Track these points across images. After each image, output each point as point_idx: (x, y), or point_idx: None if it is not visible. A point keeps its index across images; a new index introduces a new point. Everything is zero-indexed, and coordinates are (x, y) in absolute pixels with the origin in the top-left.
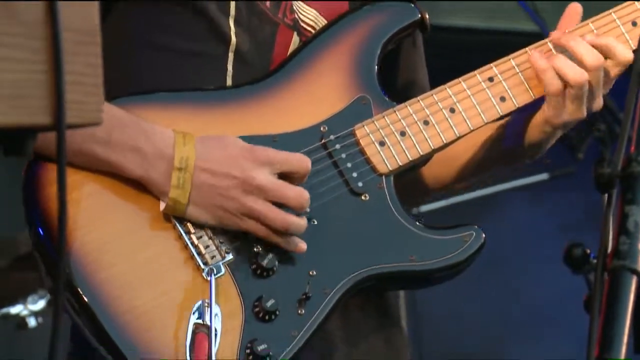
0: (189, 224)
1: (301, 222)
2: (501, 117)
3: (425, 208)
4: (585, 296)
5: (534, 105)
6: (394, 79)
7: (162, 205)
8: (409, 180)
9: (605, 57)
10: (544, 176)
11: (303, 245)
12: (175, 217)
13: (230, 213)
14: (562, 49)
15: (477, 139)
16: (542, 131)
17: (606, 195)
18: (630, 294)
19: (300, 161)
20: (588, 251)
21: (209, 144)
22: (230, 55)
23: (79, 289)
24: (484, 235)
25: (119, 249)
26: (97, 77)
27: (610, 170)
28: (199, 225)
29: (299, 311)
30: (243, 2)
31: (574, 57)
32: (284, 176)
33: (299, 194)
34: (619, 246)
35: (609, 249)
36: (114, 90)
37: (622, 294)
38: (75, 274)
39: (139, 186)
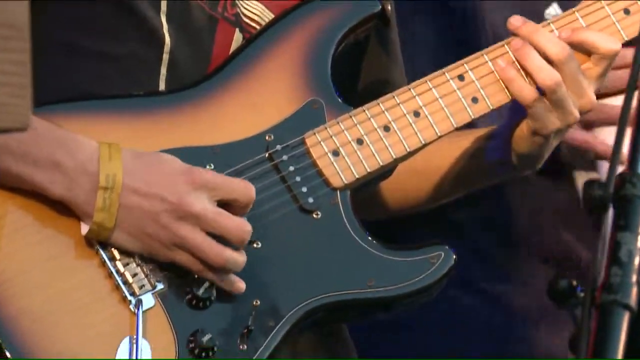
0: (114, 250)
1: (239, 259)
2: (473, 121)
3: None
4: (571, 334)
5: (520, 108)
6: (357, 81)
7: (84, 229)
8: (369, 196)
9: (589, 53)
10: None
11: (241, 285)
12: (98, 241)
13: (160, 242)
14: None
15: (455, 149)
16: (532, 142)
17: (594, 221)
18: (622, 332)
19: (244, 189)
20: (575, 283)
21: (141, 159)
22: (165, 57)
23: None
24: (454, 257)
25: (35, 277)
26: (24, 76)
27: (602, 193)
28: (125, 251)
29: (241, 347)
30: None
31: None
32: (225, 204)
33: (239, 227)
34: (610, 278)
35: (599, 282)
36: None
37: (613, 331)
38: None
39: (60, 206)
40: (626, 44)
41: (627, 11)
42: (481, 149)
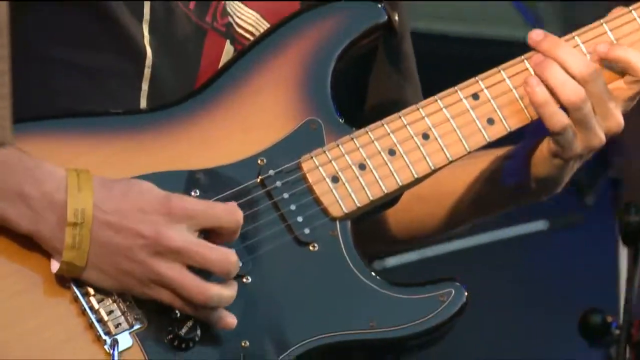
0: (87, 285)
1: (225, 294)
2: (489, 145)
3: (392, 262)
4: None
5: (537, 128)
6: (362, 100)
7: (55, 266)
8: (372, 226)
9: (623, 73)
10: (542, 225)
11: (230, 320)
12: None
13: (137, 279)
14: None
15: (467, 172)
16: (551, 165)
17: (630, 249)
18: None
19: (228, 213)
20: (609, 319)
21: (114, 188)
22: (146, 71)
23: None
24: (466, 294)
25: (1, 315)
26: (2, 86)
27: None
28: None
29: None
30: (159, 2)
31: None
32: (209, 231)
33: (223, 257)
34: None
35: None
36: None
37: None
38: None
39: (29, 238)
40: None
41: None
42: (497, 171)
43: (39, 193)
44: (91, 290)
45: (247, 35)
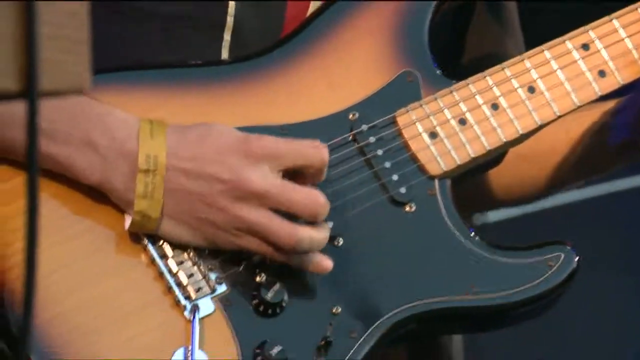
0: (165, 245)
1: (317, 236)
2: (600, 98)
3: (494, 217)
4: None
5: None
6: (460, 54)
7: (128, 221)
8: (473, 186)
9: None
10: None
11: (327, 263)
12: (146, 235)
13: (219, 228)
14: None
15: (572, 128)
16: None
17: None
18: None
19: (313, 150)
20: None
21: (187, 134)
22: (229, 20)
23: (16, 333)
24: (576, 259)
25: (71, 279)
26: (79, 30)
27: None
28: (179, 246)
29: None
30: None
31: None
32: (293, 173)
33: (310, 198)
34: None
35: None
36: None
37: None
38: (9, 315)
39: (99, 192)
40: None
41: None
42: (603, 128)
43: (109, 141)
44: (169, 252)
45: None
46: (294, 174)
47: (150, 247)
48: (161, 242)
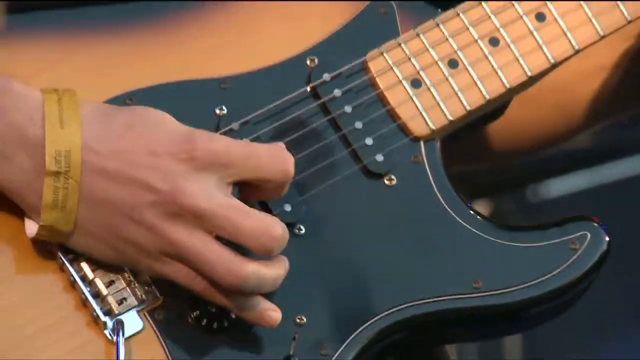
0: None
1: (266, 273)
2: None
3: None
4: None
5: None
6: None
7: (30, 228)
8: (468, 147)
9: None
10: None
11: (274, 315)
12: None
13: (142, 250)
14: None
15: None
16: None
17: None
18: None
19: (275, 160)
20: None
21: (111, 120)
22: None
23: None
24: (607, 238)
25: None
26: None
27: None
28: None
29: None
30: None
31: None
32: (246, 184)
33: (262, 226)
34: None
35: None
36: None
37: None
38: None
39: None
40: None
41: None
42: (621, 61)
43: (3, 126)
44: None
45: None
46: (247, 185)
47: (58, 250)
48: None
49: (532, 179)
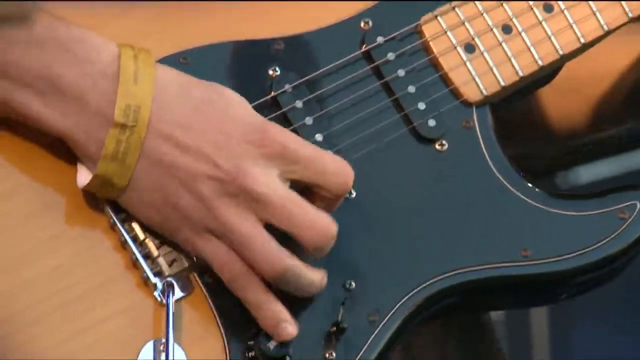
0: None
1: (306, 273)
2: None
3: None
4: None
5: None
6: None
7: (83, 178)
8: (521, 117)
9: None
10: None
11: (290, 330)
12: None
13: (186, 221)
14: None
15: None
16: None
17: None
18: None
19: (338, 172)
20: None
21: (190, 92)
22: None
23: None
24: None
25: (10, 248)
26: None
27: None
28: None
29: (327, 355)
30: None
31: None
32: (302, 186)
33: (320, 224)
34: None
35: None
36: None
37: None
38: None
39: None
40: None
41: None
42: None
43: (77, 75)
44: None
45: None
46: (300, 187)
47: (110, 210)
48: None
49: (578, 162)
